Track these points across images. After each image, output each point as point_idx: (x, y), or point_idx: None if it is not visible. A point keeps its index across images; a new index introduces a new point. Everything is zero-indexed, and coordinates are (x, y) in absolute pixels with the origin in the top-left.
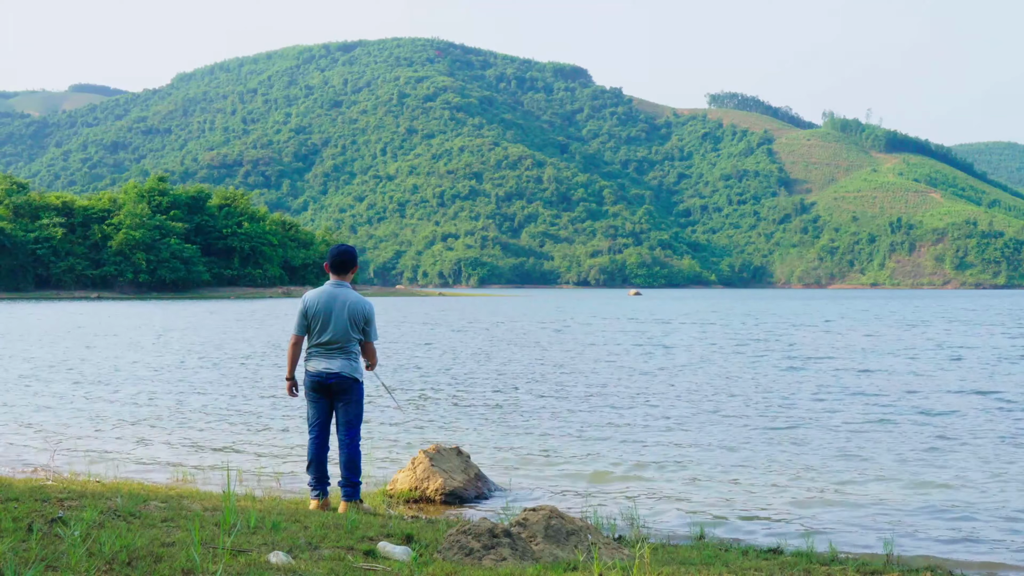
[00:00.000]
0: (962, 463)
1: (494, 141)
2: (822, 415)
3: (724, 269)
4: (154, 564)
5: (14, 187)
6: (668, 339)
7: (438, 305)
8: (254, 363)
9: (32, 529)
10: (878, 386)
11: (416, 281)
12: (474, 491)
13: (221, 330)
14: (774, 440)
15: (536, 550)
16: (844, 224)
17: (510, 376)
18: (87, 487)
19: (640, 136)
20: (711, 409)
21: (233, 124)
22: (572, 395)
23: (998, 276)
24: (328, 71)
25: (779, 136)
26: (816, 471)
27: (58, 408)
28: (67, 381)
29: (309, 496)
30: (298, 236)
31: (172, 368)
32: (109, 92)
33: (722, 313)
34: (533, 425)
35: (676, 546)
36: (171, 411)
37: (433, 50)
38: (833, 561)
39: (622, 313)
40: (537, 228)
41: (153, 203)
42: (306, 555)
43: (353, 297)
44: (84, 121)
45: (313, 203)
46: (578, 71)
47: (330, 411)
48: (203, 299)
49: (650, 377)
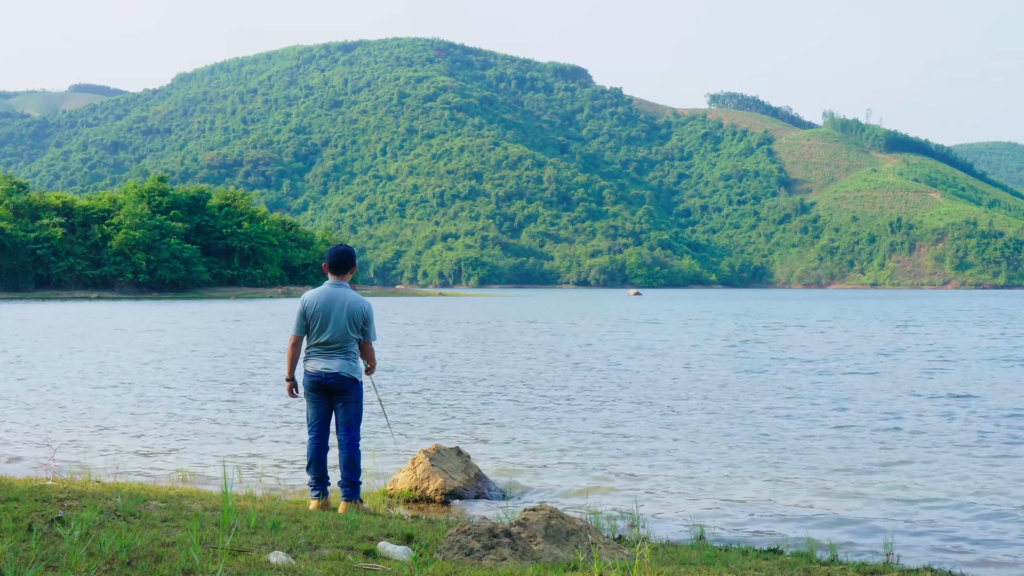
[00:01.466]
0: (962, 463)
1: (494, 141)
2: (822, 415)
3: (724, 269)
4: (154, 564)
5: (14, 187)
6: (667, 339)
7: (438, 305)
8: (255, 363)
9: (32, 529)
10: (878, 386)
11: (416, 281)
12: (474, 491)
13: (218, 330)
14: (774, 440)
15: (536, 550)
16: (844, 224)
17: (510, 376)
18: (87, 487)
19: (640, 136)
20: (711, 409)
21: (233, 124)
22: (572, 395)
23: (998, 276)
24: (328, 71)
25: (779, 136)
26: (816, 471)
27: (58, 408)
28: (67, 381)
29: (309, 496)
30: (298, 236)
31: (172, 368)
32: (109, 92)
33: (724, 313)
34: (533, 425)
35: (676, 546)
36: (171, 411)
37: (433, 50)
38: (833, 561)
39: (623, 313)
40: (537, 228)
41: (153, 203)
42: (306, 555)
43: (352, 297)
44: (84, 121)
45: (313, 203)
46: (578, 71)
47: (329, 411)
48: (203, 299)
49: (650, 377)
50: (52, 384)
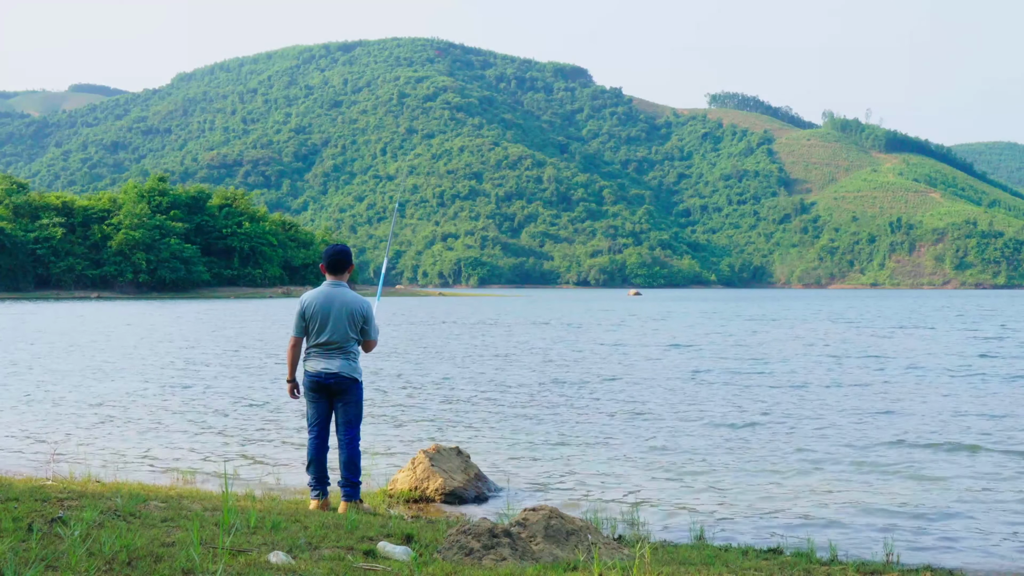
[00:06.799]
0: (962, 464)
1: (494, 141)
2: (821, 415)
3: (724, 269)
4: (154, 564)
5: (14, 187)
6: (667, 340)
7: (438, 305)
8: (255, 363)
9: (32, 529)
10: (877, 387)
11: (416, 281)
12: (474, 491)
13: (215, 331)
14: (774, 440)
15: (536, 550)
16: (844, 224)
17: (509, 377)
18: (87, 487)
19: (640, 136)
20: (711, 410)
21: (233, 124)
22: (572, 395)
23: (998, 276)
24: (328, 71)
25: (779, 136)
26: (816, 471)
27: (57, 407)
28: (65, 381)
29: (309, 496)
30: (298, 236)
31: (172, 368)
32: (109, 92)
33: (726, 314)
34: (533, 425)
35: (676, 546)
36: (171, 411)
37: (433, 50)
38: (833, 561)
39: (622, 314)
40: (537, 228)
41: (153, 203)
42: (306, 555)
43: (351, 297)
44: (84, 121)
45: (313, 203)
46: (578, 71)
47: (329, 411)
48: (203, 299)
49: (650, 378)
50: (52, 383)
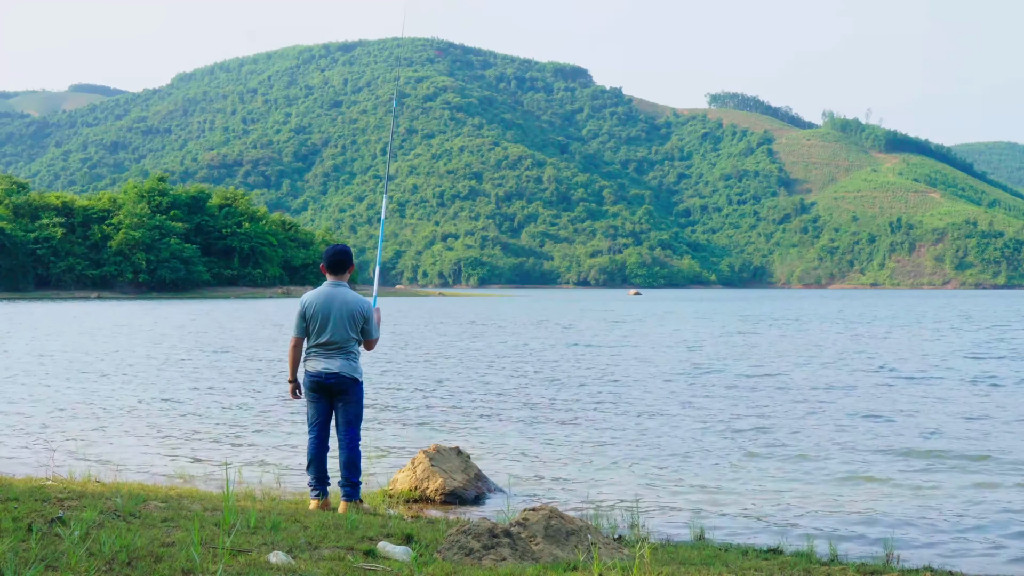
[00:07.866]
0: (962, 464)
1: (494, 141)
2: (821, 415)
3: (724, 269)
4: (154, 564)
5: (14, 187)
6: (667, 340)
7: (438, 305)
8: (255, 363)
9: (32, 529)
10: (880, 389)
11: (416, 281)
12: (474, 491)
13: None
14: (774, 440)
15: (536, 550)
16: (844, 224)
17: (509, 377)
18: (87, 487)
19: (640, 136)
20: (710, 410)
21: (233, 124)
22: (572, 395)
23: (998, 276)
24: (328, 71)
25: (779, 136)
26: (816, 471)
27: (57, 407)
28: (65, 380)
29: (309, 496)
30: (298, 236)
31: (172, 368)
32: (109, 92)
33: (726, 314)
34: (533, 425)
35: (676, 546)
36: (171, 411)
37: (433, 50)
38: (833, 561)
39: (622, 314)
40: (537, 228)
41: (153, 203)
42: (306, 555)
43: (351, 297)
44: (84, 121)
45: (313, 203)
46: (578, 71)
47: (330, 411)
48: (203, 299)
49: (650, 378)
50: (51, 383)
